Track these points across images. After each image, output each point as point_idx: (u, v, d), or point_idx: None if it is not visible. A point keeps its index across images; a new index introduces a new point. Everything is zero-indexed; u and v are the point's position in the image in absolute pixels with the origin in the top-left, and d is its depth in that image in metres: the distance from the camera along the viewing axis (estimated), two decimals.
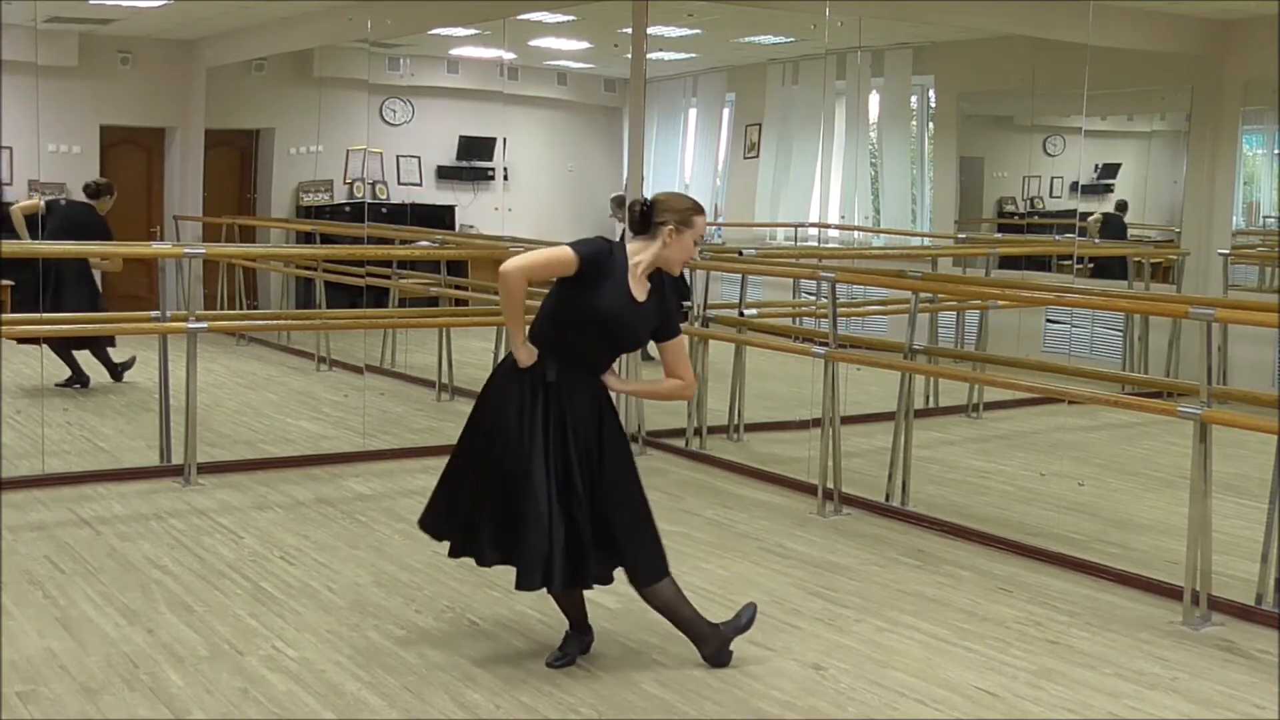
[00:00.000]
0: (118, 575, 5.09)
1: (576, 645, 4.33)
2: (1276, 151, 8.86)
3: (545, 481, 4.01)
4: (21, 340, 8.24)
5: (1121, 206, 9.43)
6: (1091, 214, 9.42)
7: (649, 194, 4.32)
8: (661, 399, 4.43)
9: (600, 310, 4.01)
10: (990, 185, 10.12)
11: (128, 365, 8.95)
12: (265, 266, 10.87)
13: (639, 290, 4.08)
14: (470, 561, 5.39)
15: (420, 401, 9.05)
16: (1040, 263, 9.53)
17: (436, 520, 4.27)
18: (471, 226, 11.34)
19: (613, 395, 4.21)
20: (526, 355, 4.03)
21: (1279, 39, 7.54)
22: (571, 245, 4.00)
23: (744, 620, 4.36)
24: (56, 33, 9.64)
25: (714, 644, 4.28)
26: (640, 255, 4.09)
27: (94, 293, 8.71)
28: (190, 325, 6.64)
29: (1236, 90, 8.74)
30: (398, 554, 5.50)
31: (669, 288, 4.19)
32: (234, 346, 10.83)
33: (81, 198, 8.73)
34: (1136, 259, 9.22)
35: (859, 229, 10.00)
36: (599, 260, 3.99)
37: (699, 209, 4.14)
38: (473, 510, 4.11)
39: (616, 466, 4.13)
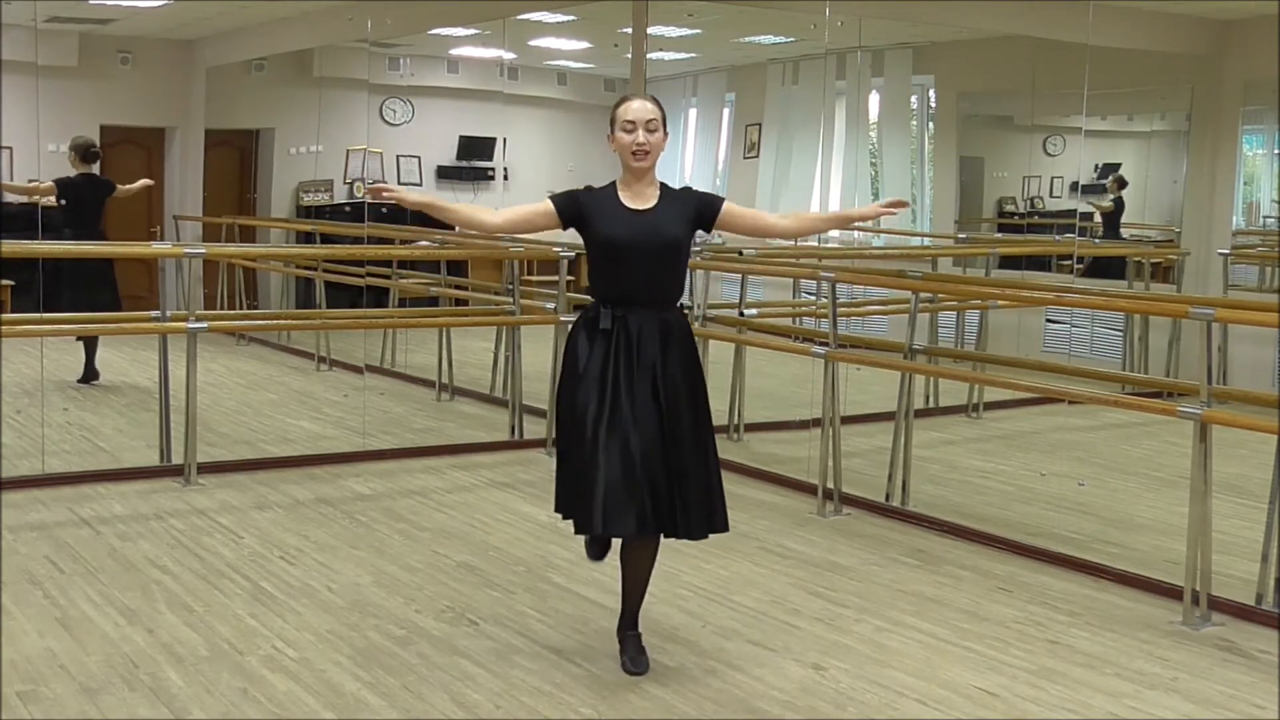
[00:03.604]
0: (118, 575, 5.09)
1: (635, 643, 4.28)
2: (1276, 151, 8.86)
3: (600, 426, 4.01)
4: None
5: (1121, 183, 9.39)
6: (1093, 209, 9.43)
7: None
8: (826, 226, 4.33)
9: (605, 231, 4.13)
10: (990, 185, 10.12)
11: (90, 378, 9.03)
12: (265, 266, 10.87)
13: (638, 202, 4.16)
14: (470, 561, 5.41)
15: (420, 401, 9.05)
16: (1040, 263, 9.53)
17: (564, 504, 4.22)
18: None
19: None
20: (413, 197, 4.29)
21: (1279, 39, 7.54)
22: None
23: (631, 662, 4.27)
24: (56, 33, 9.64)
25: (627, 641, 4.30)
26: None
27: (116, 291, 8.84)
28: (190, 325, 6.64)
29: (1236, 90, 8.74)
30: (398, 554, 5.50)
31: (682, 194, 4.24)
32: (234, 346, 10.83)
33: (71, 171, 8.76)
34: (1136, 259, 9.22)
35: (859, 229, 9.99)
36: (575, 198, 4.20)
37: (621, 100, 4.21)
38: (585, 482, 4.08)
39: (683, 412, 4.11)
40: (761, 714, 3.94)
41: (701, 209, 4.21)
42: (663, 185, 4.23)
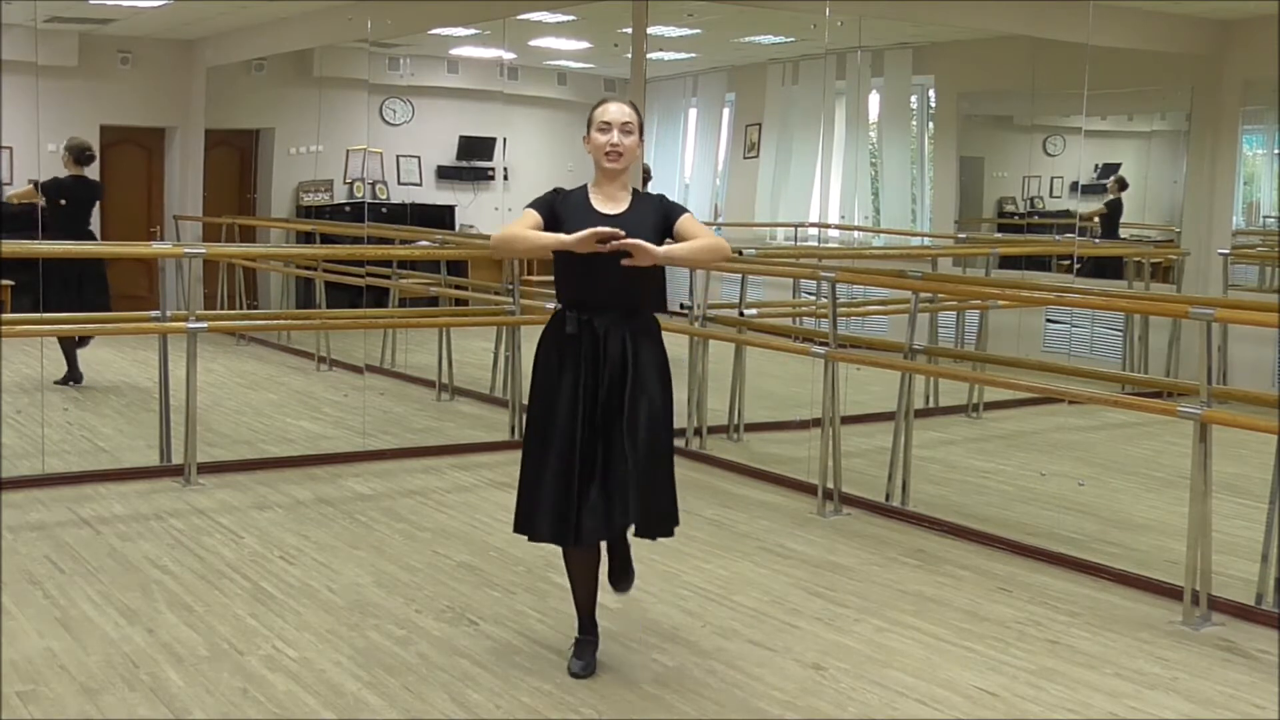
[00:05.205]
0: (118, 575, 5.09)
1: (591, 648, 4.28)
2: (1276, 151, 8.85)
3: (571, 434, 4.02)
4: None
5: (1122, 184, 9.38)
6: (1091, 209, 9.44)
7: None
8: (699, 263, 4.49)
9: (573, 232, 4.05)
10: (990, 185, 10.12)
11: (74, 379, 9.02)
12: (265, 266, 10.87)
13: (609, 206, 4.12)
14: (470, 561, 5.41)
15: (420, 401, 9.05)
16: (1040, 263, 9.53)
17: (525, 522, 4.23)
18: (471, 226, 11.34)
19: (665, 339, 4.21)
20: (575, 241, 3.95)
21: (1279, 39, 7.54)
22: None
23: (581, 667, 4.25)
24: (56, 33, 9.64)
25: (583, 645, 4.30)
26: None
27: (107, 290, 8.84)
28: (190, 325, 6.64)
29: (1236, 90, 8.74)
30: (398, 554, 5.50)
31: (653, 199, 4.23)
32: (234, 346, 10.83)
33: (64, 172, 8.76)
34: (1136, 259, 9.22)
35: (859, 229, 10.00)
36: (551, 202, 4.15)
37: (599, 102, 4.22)
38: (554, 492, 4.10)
39: (642, 413, 4.04)
40: (761, 714, 3.94)
41: (665, 216, 4.15)
42: (635, 190, 4.21)
